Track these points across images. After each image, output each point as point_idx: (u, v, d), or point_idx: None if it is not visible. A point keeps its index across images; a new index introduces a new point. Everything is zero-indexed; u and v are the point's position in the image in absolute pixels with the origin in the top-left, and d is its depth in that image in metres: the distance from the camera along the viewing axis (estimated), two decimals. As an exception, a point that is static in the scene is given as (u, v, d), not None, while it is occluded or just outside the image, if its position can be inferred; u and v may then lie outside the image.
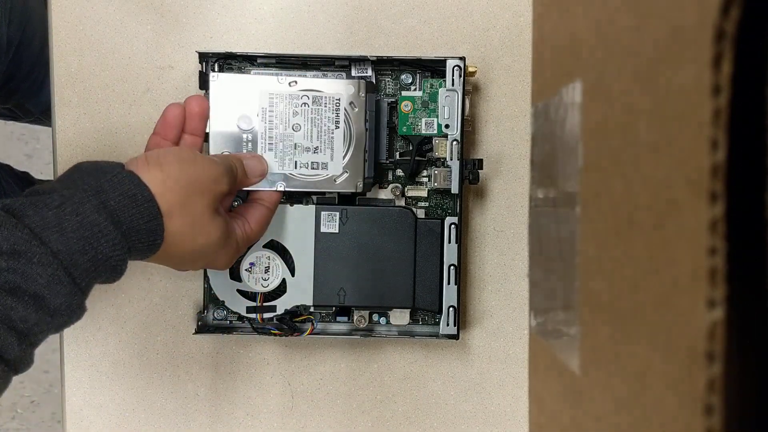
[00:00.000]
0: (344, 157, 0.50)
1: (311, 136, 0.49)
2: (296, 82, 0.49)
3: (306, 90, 0.49)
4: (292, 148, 0.49)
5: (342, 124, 0.49)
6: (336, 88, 0.49)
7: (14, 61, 0.70)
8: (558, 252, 0.37)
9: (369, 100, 0.50)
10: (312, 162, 0.49)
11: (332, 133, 0.49)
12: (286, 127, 0.49)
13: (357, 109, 0.49)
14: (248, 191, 0.49)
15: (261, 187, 0.49)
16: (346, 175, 0.50)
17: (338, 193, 0.53)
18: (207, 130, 0.49)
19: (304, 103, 0.49)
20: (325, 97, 0.49)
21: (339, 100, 0.49)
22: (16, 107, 0.77)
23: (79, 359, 0.56)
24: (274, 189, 0.49)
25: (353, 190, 0.50)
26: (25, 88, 0.72)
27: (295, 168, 0.49)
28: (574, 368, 0.33)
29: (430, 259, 0.52)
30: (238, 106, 0.49)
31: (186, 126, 0.48)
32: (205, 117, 0.48)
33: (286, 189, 0.49)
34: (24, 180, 0.76)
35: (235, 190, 0.47)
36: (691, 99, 0.21)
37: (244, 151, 0.49)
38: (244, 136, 0.49)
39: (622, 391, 0.27)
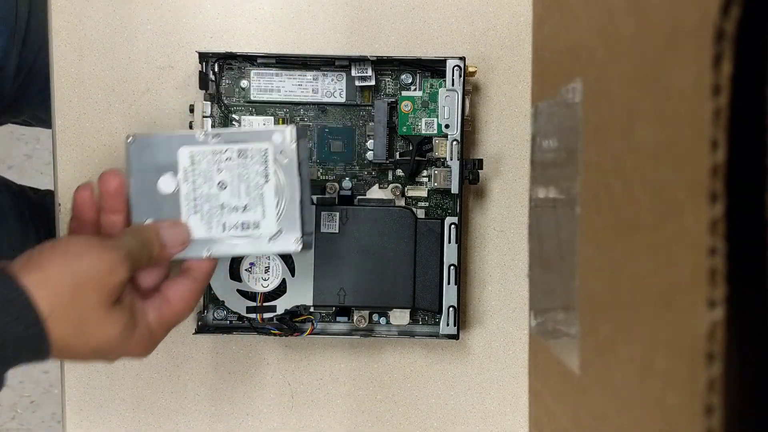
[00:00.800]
0: (278, 214, 0.45)
1: (239, 194, 0.44)
2: (219, 134, 0.44)
3: (229, 143, 0.44)
4: (219, 208, 0.45)
5: (272, 177, 0.44)
6: (262, 138, 0.44)
7: (25, 82, 0.69)
8: (558, 252, 0.37)
9: (301, 147, 0.45)
10: (242, 222, 0.45)
11: (261, 188, 0.44)
12: (211, 186, 0.44)
13: (287, 160, 0.44)
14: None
15: (187, 254, 0.44)
16: (281, 234, 0.45)
17: (277, 253, 0.49)
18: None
19: (228, 158, 0.44)
20: (251, 149, 0.44)
21: (266, 150, 0.44)
22: (30, 117, 0.76)
23: (79, 359, 0.56)
24: (201, 257, 0.44)
25: (292, 250, 0.45)
26: (38, 102, 0.71)
27: (224, 230, 0.45)
28: (574, 368, 0.33)
29: (430, 259, 0.52)
30: (158, 167, 0.45)
31: (103, 204, 0.43)
32: (122, 192, 0.44)
33: (214, 256, 0.45)
34: (21, 195, 0.74)
35: (151, 265, 0.44)
36: (691, 99, 0.21)
37: (169, 215, 0.44)
38: (167, 199, 0.45)
39: (622, 391, 0.27)
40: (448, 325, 0.52)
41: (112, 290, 0.39)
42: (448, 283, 0.52)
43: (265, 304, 0.53)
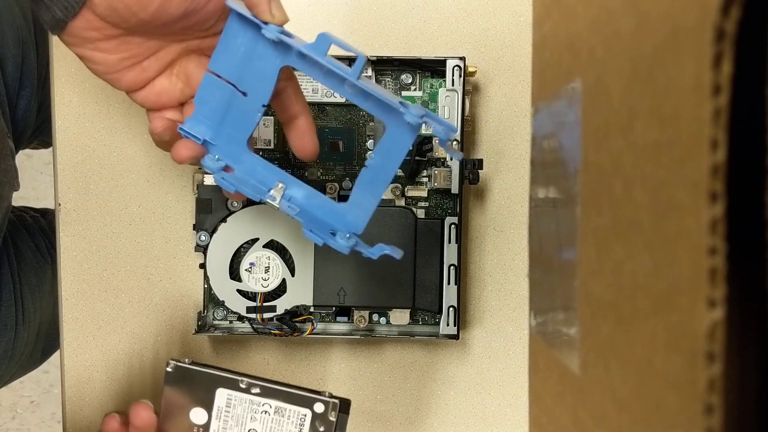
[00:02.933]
0: None
1: None
2: (261, 387, 0.46)
3: (269, 398, 0.46)
4: None
5: None
6: (304, 402, 0.46)
7: (43, 116, 0.73)
8: (558, 252, 0.37)
9: (340, 422, 0.46)
10: None
11: None
12: (241, 430, 0.46)
13: (323, 429, 0.46)
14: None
15: None
16: None
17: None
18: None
19: (265, 411, 0.46)
20: (290, 410, 0.46)
21: (305, 416, 0.46)
22: (40, 143, 0.79)
23: (79, 359, 0.56)
24: None
25: None
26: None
27: None
28: (574, 368, 0.33)
29: (430, 259, 0.52)
30: (193, 398, 0.46)
31: (133, 425, 0.45)
32: (151, 426, 0.45)
33: None
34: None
35: None
36: (691, 99, 0.21)
37: None
38: (195, 429, 0.46)
39: (622, 391, 0.27)
40: (448, 325, 0.52)
41: None
42: (448, 283, 0.52)
43: (265, 304, 0.53)
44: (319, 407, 0.45)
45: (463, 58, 0.51)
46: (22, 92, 0.68)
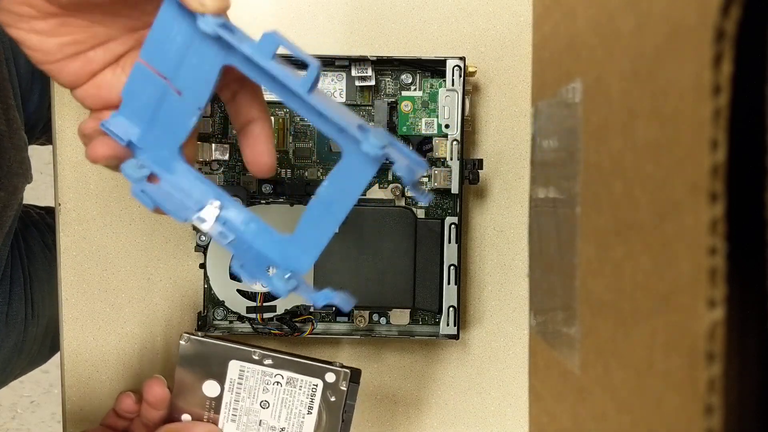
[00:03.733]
0: None
1: (279, 416, 0.46)
2: (272, 362, 0.46)
3: (281, 369, 0.46)
4: (257, 424, 0.46)
5: (315, 411, 0.46)
6: (315, 373, 0.46)
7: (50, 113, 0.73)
8: (558, 252, 0.37)
9: (351, 391, 0.46)
10: None
11: (303, 417, 0.46)
12: (253, 401, 0.46)
13: (334, 399, 0.46)
14: None
15: None
16: None
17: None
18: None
19: (277, 382, 0.46)
20: (301, 380, 0.46)
21: (316, 386, 0.46)
22: (47, 141, 0.79)
23: (79, 359, 0.56)
24: None
25: None
26: None
27: None
28: (574, 368, 0.33)
29: (430, 259, 0.52)
30: (206, 371, 0.47)
31: (146, 399, 0.46)
32: (163, 407, 0.46)
33: None
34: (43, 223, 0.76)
35: None
36: (691, 99, 0.21)
37: (205, 416, 0.47)
38: (208, 402, 0.47)
39: (622, 391, 0.27)
40: (448, 325, 0.52)
41: None
42: (448, 283, 0.52)
43: (265, 304, 0.53)
44: (330, 377, 0.46)
45: (463, 58, 0.51)
46: (35, 86, 0.68)
